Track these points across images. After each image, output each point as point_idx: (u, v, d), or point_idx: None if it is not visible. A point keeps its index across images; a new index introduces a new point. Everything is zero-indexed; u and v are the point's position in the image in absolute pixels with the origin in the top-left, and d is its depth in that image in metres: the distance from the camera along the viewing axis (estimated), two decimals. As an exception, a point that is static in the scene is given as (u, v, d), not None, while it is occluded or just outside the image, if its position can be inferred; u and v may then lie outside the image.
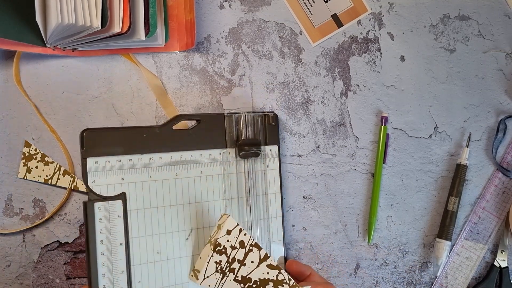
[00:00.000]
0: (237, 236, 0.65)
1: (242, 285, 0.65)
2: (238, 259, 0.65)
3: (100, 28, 0.64)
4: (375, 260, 0.74)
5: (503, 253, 0.73)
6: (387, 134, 0.73)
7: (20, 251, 0.72)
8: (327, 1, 0.74)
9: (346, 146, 0.74)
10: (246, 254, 0.65)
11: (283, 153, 0.74)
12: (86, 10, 0.62)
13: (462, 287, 0.73)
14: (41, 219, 0.72)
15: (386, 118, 0.73)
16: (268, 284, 0.65)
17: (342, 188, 0.74)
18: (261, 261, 0.65)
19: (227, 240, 0.64)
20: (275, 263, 0.65)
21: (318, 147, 0.74)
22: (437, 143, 0.74)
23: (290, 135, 0.74)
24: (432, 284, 0.74)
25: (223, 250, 0.64)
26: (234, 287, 0.65)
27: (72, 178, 0.71)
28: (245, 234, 0.65)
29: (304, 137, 0.74)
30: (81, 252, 0.73)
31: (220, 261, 0.64)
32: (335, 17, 0.74)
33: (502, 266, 0.73)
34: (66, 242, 0.72)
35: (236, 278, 0.65)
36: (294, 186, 0.74)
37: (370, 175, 0.74)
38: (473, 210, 0.74)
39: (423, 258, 0.74)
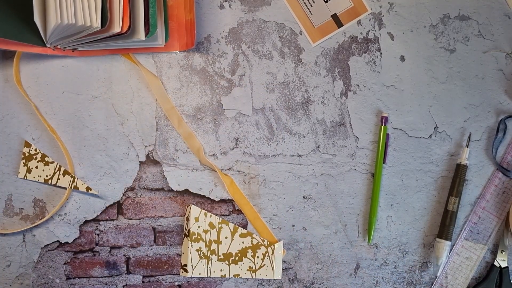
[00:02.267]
0: (205, 220, 0.71)
1: (226, 262, 0.71)
2: (214, 240, 0.71)
3: (100, 28, 0.64)
4: (375, 260, 0.74)
5: (503, 253, 0.73)
6: (387, 134, 0.73)
7: (20, 251, 0.72)
8: (327, 1, 0.74)
9: (346, 146, 0.74)
10: (218, 233, 0.71)
11: (283, 153, 0.74)
12: (86, 10, 0.63)
13: (462, 287, 0.73)
14: (41, 219, 0.72)
15: (386, 118, 0.73)
16: (248, 252, 0.71)
17: (342, 188, 0.74)
18: (233, 233, 0.71)
19: (198, 227, 0.71)
20: (245, 231, 0.71)
21: (318, 147, 0.74)
22: (437, 143, 0.74)
23: (290, 135, 0.74)
24: (432, 284, 0.74)
25: (199, 237, 0.71)
26: (220, 267, 0.71)
27: (72, 178, 0.71)
28: (210, 216, 0.71)
29: (304, 137, 0.74)
30: (81, 252, 0.73)
31: (200, 247, 0.71)
32: (335, 17, 0.74)
33: (502, 266, 0.73)
34: (66, 242, 0.72)
35: (219, 257, 0.71)
36: (294, 186, 0.74)
37: (370, 175, 0.74)
38: (473, 210, 0.74)
39: (423, 258, 0.74)
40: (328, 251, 0.74)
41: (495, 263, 0.73)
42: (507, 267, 0.73)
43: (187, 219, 0.71)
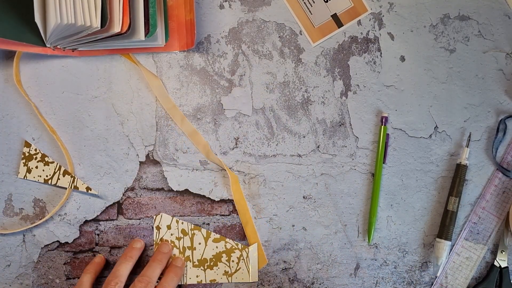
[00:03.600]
0: (177, 227, 0.71)
1: (201, 268, 0.71)
2: (187, 247, 0.71)
3: (99, 28, 0.64)
4: (375, 260, 0.74)
5: (503, 253, 0.73)
6: (387, 134, 0.73)
7: (20, 251, 0.72)
8: (327, 1, 0.74)
9: (346, 146, 0.74)
10: (191, 239, 0.71)
11: (283, 153, 0.74)
12: (85, 10, 0.63)
13: (462, 287, 0.73)
14: (41, 219, 0.72)
15: (386, 118, 0.73)
16: (222, 256, 0.71)
17: (342, 188, 0.74)
18: (206, 239, 0.71)
19: (171, 234, 0.71)
20: (217, 236, 0.72)
21: (318, 147, 0.74)
22: (437, 143, 0.74)
23: (290, 135, 0.74)
24: (432, 284, 0.74)
25: (172, 245, 0.71)
26: (196, 273, 0.71)
27: (72, 178, 0.71)
28: (182, 223, 0.71)
29: (304, 137, 0.74)
30: (81, 252, 0.73)
31: (174, 255, 0.71)
32: (335, 17, 0.74)
33: (502, 266, 0.73)
34: (66, 242, 0.72)
35: (194, 263, 0.71)
36: (294, 186, 0.74)
37: (370, 175, 0.74)
38: (473, 210, 0.74)
39: (423, 258, 0.74)
40: (328, 251, 0.74)
41: (495, 263, 0.73)
42: (507, 267, 0.73)
43: (158, 228, 0.72)
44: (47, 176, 0.71)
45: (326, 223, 0.74)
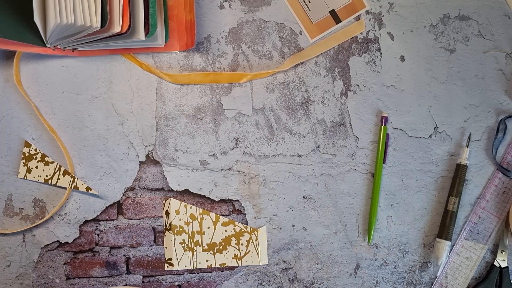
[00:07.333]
0: (185, 212, 0.71)
1: (211, 252, 0.71)
2: (196, 231, 0.71)
3: (99, 28, 0.64)
4: (375, 260, 0.74)
5: (503, 253, 0.73)
6: (387, 134, 0.73)
7: (20, 251, 0.72)
8: None
9: (346, 146, 0.74)
10: (200, 223, 0.71)
11: (283, 153, 0.74)
12: (85, 10, 0.63)
13: (462, 287, 0.73)
14: (41, 219, 0.72)
15: (386, 118, 0.73)
16: (231, 240, 0.71)
17: (342, 188, 0.74)
18: (215, 223, 0.71)
19: (180, 219, 0.71)
20: (227, 219, 0.71)
21: (318, 147, 0.74)
22: (437, 143, 0.74)
23: (290, 135, 0.74)
24: (432, 284, 0.74)
25: (181, 229, 0.71)
26: (205, 257, 0.71)
27: (72, 178, 0.71)
28: (191, 207, 0.71)
29: (304, 137, 0.74)
30: (81, 252, 0.73)
31: (183, 240, 0.71)
32: (333, 13, 0.74)
33: (502, 266, 0.73)
34: (66, 242, 0.72)
35: (204, 248, 0.71)
36: (294, 186, 0.74)
37: (370, 175, 0.74)
38: (473, 210, 0.74)
39: (423, 258, 0.74)
40: (328, 251, 0.74)
41: (495, 263, 0.73)
42: (507, 267, 0.73)
43: (167, 213, 0.72)
44: (47, 176, 0.72)
45: (326, 223, 0.74)
